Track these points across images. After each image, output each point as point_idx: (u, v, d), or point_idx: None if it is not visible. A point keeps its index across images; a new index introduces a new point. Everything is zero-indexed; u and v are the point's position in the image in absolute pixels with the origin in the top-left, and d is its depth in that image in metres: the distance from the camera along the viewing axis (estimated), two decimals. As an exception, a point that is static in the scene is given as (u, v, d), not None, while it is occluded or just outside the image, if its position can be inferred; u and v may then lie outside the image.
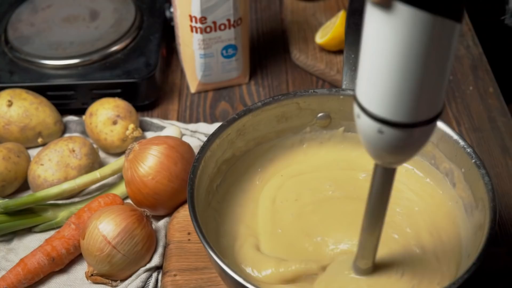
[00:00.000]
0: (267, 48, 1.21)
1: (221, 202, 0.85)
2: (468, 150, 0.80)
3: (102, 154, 1.03)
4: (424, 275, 0.77)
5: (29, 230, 0.92)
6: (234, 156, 0.87)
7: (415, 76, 0.54)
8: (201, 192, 0.81)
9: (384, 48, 0.53)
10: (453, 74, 1.16)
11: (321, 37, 1.14)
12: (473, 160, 0.79)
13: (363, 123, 0.58)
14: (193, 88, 1.13)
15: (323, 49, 1.16)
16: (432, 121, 0.58)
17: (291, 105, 0.88)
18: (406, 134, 0.57)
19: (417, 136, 0.58)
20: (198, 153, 0.81)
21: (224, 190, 0.86)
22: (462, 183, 0.82)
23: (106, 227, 0.83)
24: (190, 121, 1.08)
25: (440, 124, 0.84)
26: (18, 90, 1.02)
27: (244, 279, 0.69)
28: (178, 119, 1.09)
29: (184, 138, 1.02)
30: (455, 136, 0.82)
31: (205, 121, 1.08)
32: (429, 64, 0.54)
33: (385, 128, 0.57)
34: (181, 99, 1.12)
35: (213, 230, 0.82)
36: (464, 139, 0.82)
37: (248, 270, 0.78)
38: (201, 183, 0.81)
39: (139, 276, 0.84)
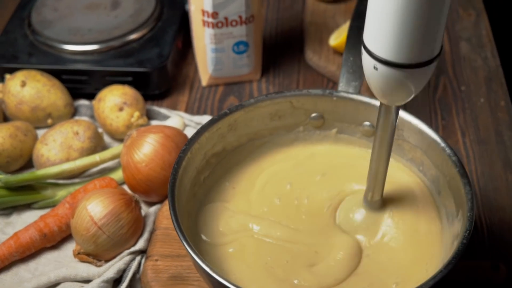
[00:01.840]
0: (283, 47, 1.23)
1: (207, 195, 0.87)
2: (454, 158, 0.81)
3: (108, 139, 1.06)
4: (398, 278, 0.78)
5: (28, 206, 0.96)
6: (224, 150, 0.89)
7: (401, 21, 0.62)
8: (186, 182, 0.82)
9: None
10: (465, 85, 1.15)
11: (334, 39, 1.15)
12: (457, 169, 0.80)
13: (364, 58, 0.67)
14: (204, 81, 1.15)
15: (336, 51, 1.17)
16: (420, 65, 0.65)
17: (284, 104, 0.89)
18: (396, 72, 0.65)
19: (406, 77, 0.66)
20: (186, 144, 0.83)
21: (211, 183, 0.88)
22: (446, 191, 0.83)
23: (94, 208, 0.86)
24: (198, 113, 1.11)
25: (429, 131, 0.84)
26: (33, 72, 1.06)
27: (212, 270, 0.71)
28: (186, 111, 1.11)
29: (188, 129, 1.05)
30: (442, 144, 0.83)
31: (212, 114, 1.10)
32: (415, 12, 0.61)
33: (379, 65, 0.66)
34: (192, 91, 1.15)
35: (195, 222, 0.84)
36: (450, 148, 0.82)
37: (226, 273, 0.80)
38: (186, 174, 0.83)
39: (123, 258, 0.87)
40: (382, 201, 0.83)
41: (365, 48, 0.66)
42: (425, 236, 0.83)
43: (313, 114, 0.91)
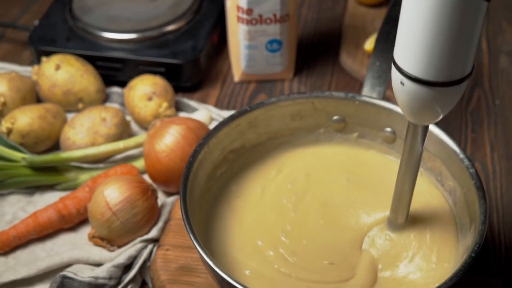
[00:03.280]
0: (319, 48, 1.23)
1: (222, 190, 0.87)
2: (471, 170, 0.80)
3: (135, 128, 1.07)
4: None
5: (51, 187, 0.98)
6: (243, 147, 0.89)
7: (430, 37, 0.60)
8: (201, 176, 0.83)
9: (408, 7, 0.61)
10: (500, 99, 1.13)
11: (370, 44, 1.15)
12: (473, 181, 0.79)
13: (393, 73, 0.66)
14: (236, 77, 1.16)
15: (370, 56, 1.16)
16: (448, 84, 0.63)
17: (306, 105, 0.89)
18: (422, 90, 0.64)
19: (433, 95, 0.64)
20: (203, 138, 0.84)
21: (227, 179, 0.88)
22: (461, 203, 0.82)
23: (111, 194, 0.87)
24: (227, 108, 1.12)
25: (449, 141, 0.83)
26: (68, 56, 1.08)
27: (216, 265, 0.71)
28: (216, 105, 1.12)
29: (214, 123, 1.06)
30: (461, 155, 0.82)
31: (240, 110, 1.11)
32: (445, 28, 0.59)
33: (405, 80, 0.64)
34: (223, 86, 1.15)
35: (207, 217, 0.84)
36: (469, 159, 0.81)
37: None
38: (202, 168, 0.83)
39: (135, 245, 0.88)
40: (406, 223, 0.82)
41: (394, 62, 0.65)
42: (440, 248, 0.82)
43: (335, 117, 0.90)
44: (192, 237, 0.74)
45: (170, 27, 1.15)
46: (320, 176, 0.89)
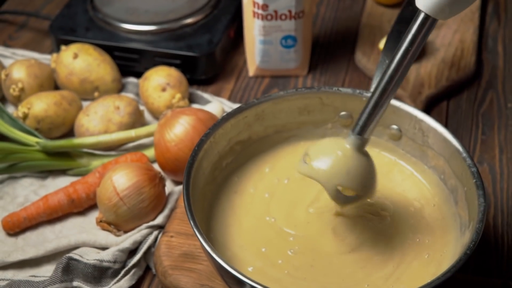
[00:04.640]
0: (335, 46, 1.24)
1: (227, 180, 0.89)
2: (473, 169, 0.81)
3: (149, 118, 1.10)
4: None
5: (63, 172, 1.01)
6: (250, 139, 0.91)
7: None
8: (206, 166, 0.85)
9: None
10: (513, 102, 1.14)
11: (384, 43, 1.15)
12: (474, 180, 0.80)
13: None
14: (251, 72, 1.17)
15: (385, 55, 1.17)
16: None
17: (314, 99, 0.90)
18: None
19: None
20: (209, 128, 0.85)
21: (233, 169, 0.90)
22: (463, 202, 0.83)
23: (119, 179, 0.89)
24: (240, 102, 1.13)
25: (453, 140, 0.84)
26: (87, 46, 1.11)
27: (219, 256, 0.73)
28: (229, 98, 1.14)
29: (226, 116, 1.07)
30: (464, 154, 0.82)
31: (253, 104, 1.12)
32: None
33: None
34: (238, 80, 1.17)
35: (211, 207, 0.86)
36: (471, 158, 0.82)
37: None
38: (207, 157, 0.85)
39: (140, 231, 0.90)
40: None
41: None
42: (440, 246, 0.83)
43: (342, 113, 0.91)
44: (192, 223, 0.75)
45: (188, 21, 1.17)
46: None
